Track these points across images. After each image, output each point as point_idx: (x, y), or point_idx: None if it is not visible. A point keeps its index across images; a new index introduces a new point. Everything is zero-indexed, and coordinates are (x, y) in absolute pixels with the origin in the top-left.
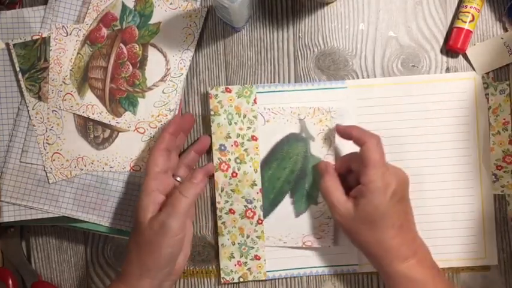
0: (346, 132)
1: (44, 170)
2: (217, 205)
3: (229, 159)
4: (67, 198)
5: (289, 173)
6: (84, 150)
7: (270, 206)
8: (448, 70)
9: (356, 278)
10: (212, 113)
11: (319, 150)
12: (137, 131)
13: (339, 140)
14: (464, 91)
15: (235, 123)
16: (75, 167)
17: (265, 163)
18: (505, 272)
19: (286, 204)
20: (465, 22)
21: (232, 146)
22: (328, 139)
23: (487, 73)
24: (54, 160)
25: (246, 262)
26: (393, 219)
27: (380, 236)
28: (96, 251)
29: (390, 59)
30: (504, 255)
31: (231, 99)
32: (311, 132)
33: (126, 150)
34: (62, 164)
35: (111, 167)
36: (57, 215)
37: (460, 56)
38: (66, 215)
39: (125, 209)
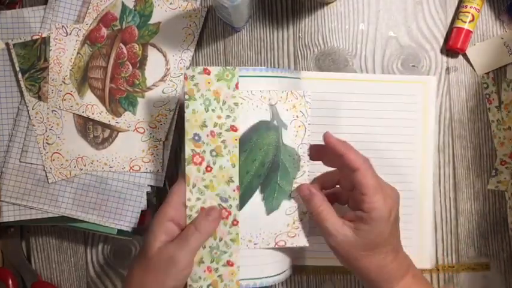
0: (335, 150)
1: (44, 170)
2: (188, 203)
3: (204, 151)
4: (67, 198)
5: (259, 166)
6: (83, 150)
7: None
8: (448, 70)
9: (356, 277)
10: (187, 97)
11: (292, 140)
12: (137, 130)
13: (309, 128)
14: (413, 94)
15: (212, 110)
16: (74, 166)
17: None
18: (505, 272)
19: (257, 200)
20: (465, 22)
21: (208, 136)
22: (303, 126)
23: (487, 73)
24: (53, 160)
25: (217, 268)
26: (393, 242)
27: (381, 261)
28: (96, 251)
29: (390, 59)
30: (504, 255)
31: (209, 83)
32: (283, 119)
33: (125, 150)
34: (62, 164)
35: (110, 167)
36: (57, 215)
37: (460, 56)
38: (65, 215)
39: (125, 209)
